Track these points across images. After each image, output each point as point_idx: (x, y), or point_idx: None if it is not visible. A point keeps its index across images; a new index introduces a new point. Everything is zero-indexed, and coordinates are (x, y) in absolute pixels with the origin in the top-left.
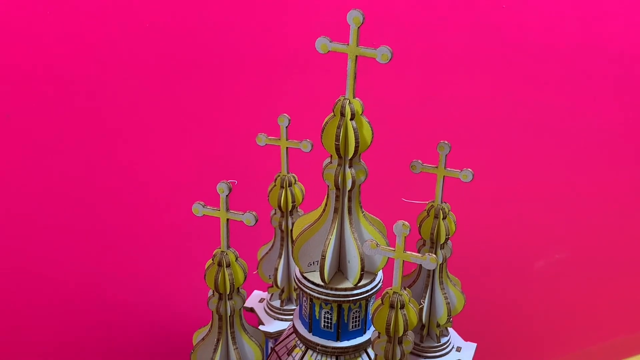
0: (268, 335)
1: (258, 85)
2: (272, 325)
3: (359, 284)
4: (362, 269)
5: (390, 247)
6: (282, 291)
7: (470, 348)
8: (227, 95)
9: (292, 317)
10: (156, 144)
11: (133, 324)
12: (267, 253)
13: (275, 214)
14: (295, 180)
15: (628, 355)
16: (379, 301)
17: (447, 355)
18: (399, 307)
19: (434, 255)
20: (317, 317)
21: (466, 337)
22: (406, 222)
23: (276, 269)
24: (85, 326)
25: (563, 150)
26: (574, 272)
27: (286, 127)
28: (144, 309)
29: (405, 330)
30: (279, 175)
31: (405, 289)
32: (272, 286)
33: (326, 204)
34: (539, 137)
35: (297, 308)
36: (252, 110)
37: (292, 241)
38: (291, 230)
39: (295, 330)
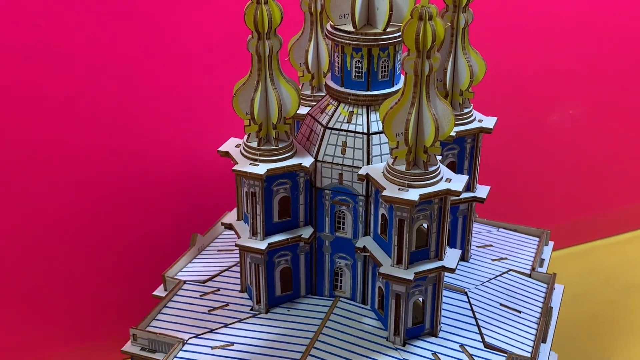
0: (298, 117)
1: None
2: (302, 109)
3: (387, 30)
4: (391, 10)
5: None
6: (312, 77)
7: (491, 120)
8: None
9: None
10: None
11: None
12: (297, 40)
13: None
14: None
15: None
16: (408, 16)
17: (470, 124)
18: (427, 18)
19: None
20: (349, 69)
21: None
22: None
23: (307, 51)
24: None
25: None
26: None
27: None
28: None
29: (433, 42)
30: None
31: (432, 4)
32: (303, 76)
33: None
34: None
35: (329, 74)
36: None
37: (321, 24)
38: (320, 12)
39: (327, 89)
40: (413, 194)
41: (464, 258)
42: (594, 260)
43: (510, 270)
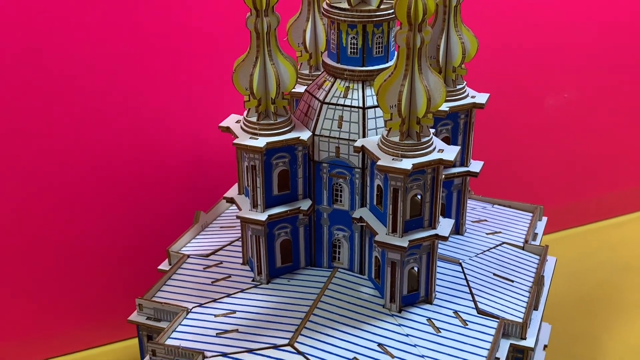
0: (296, 95)
1: None
2: (299, 88)
3: (381, 7)
4: None
5: None
6: (310, 57)
7: (484, 96)
8: None
9: None
10: None
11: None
12: (295, 20)
13: None
14: None
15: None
16: None
17: (463, 100)
18: None
19: None
20: (344, 45)
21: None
22: None
23: (304, 31)
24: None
25: None
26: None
27: None
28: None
29: (424, 15)
30: None
31: None
32: (301, 55)
33: None
34: None
35: (326, 52)
36: None
37: (318, 4)
38: None
39: (324, 65)
40: (406, 164)
41: (458, 232)
42: (588, 242)
43: (503, 243)
